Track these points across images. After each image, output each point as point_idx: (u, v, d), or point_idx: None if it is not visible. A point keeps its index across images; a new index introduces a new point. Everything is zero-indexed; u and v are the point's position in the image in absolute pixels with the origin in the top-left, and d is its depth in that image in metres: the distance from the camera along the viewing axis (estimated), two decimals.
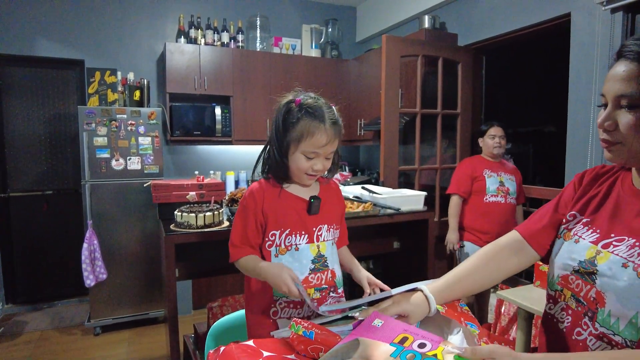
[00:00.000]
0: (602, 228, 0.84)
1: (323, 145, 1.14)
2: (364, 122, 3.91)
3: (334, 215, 1.28)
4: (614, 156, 0.80)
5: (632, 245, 0.78)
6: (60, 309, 3.66)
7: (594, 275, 0.80)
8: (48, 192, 3.68)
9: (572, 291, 0.85)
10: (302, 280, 1.18)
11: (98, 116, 3.11)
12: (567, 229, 0.91)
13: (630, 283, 0.74)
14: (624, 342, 0.74)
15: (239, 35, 3.88)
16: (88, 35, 3.59)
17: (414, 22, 3.66)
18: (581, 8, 2.37)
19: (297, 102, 1.16)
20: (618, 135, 0.77)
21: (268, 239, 1.19)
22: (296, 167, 1.17)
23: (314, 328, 0.81)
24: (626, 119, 0.75)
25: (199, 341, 2.21)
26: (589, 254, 0.83)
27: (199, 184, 2.24)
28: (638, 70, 0.73)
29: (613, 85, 0.77)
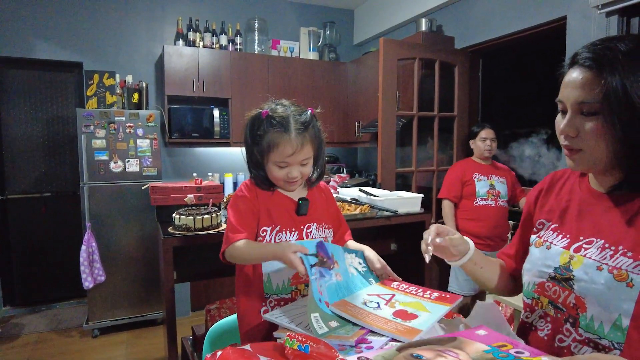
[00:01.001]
0: (570, 232, 0.86)
1: (289, 155, 1.14)
2: (362, 124, 3.92)
3: (323, 215, 1.29)
4: (577, 164, 0.82)
5: (602, 247, 0.79)
6: (58, 311, 3.65)
7: (571, 281, 0.81)
8: (46, 194, 3.68)
9: (549, 298, 0.85)
10: (292, 275, 1.20)
11: (96, 118, 3.11)
12: (538, 237, 0.93)
13: (608, 286, 0.75)
14: (611, 344, 0.74)
15: (237, 38, 3.90)
16: (87, 37, 3.60)
17: (411, 25, 3.68)
18: (577, 11, 2.39)
19: (264, 114, 1.17)
20: (579, 142, 0.78)
21: (259, 235, 1.20)
22: (272, 176, 1.20)
23: (308, 341, 0.82)
24: (587, 125, 0.76)
25: (197, 343, 2.21)
26: (562, 260, 0.84)
27: (197, 186, 2.25)
28: (594, 78, 0.74)
29: (572, 92, 0.78)
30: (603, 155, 0.77)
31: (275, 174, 1.18)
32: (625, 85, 0.71)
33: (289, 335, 0.85)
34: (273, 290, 1.21)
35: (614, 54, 0.73)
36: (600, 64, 0.74)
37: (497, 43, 3.03)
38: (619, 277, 0.74)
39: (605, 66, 0.73)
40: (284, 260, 1.02)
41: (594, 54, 0.75)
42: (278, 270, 1.19)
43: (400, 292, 1.04)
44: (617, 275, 0.74)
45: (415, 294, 1.01)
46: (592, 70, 0.75)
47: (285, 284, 1.21)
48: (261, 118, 1.17)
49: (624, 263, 0.74)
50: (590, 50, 0.77)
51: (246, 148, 1.23)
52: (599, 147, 0.76)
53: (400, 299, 1.00)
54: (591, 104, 0.75)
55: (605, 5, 2.19)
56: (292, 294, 1.21)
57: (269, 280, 1.21)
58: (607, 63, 0.73)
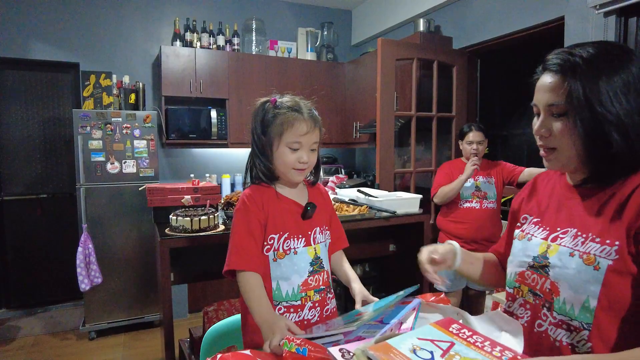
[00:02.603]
0: (549, 224, 0.93)
1: (304, 133, 1.15)
2: (360, 125, 3.91)
3: (323, 217, 1.29)
4: (552, 164, 0.89)
5: (575, 235, 0.86)
6: (54, 313, 3.63)
7: (547, 268, 0.87)
8: (42, 195, 3.65)
9: (528, 286, 0.92)
10: (301, 282, 1.18)
11: (93, 119, 3.10)
12: (521, 230, 1.00)
13: (579, 270, 0.81)
14: (581, 325, 0.80)
15: (234, 39, 3.88)
16: (83, 38, 3.58)
17: (409, 25, 3.68)
18: (574, 12, 2.39)
19: (273, 101, 1.19)
20: (553, 141, 0.86)
21: (267, 243, 1.17)
22: (282, 163, 1.17)
23: (306, 345, 0.81)
24: (557, 125, 0.84)
25: (195, 345, 2.20)
26: (541, 249, 0.91)
27: (194, 187, 2.24)
28: (562, 81, 0.82)
29: (543, 96, 0.86)
30: (572, 153, 0.84)
31: (286, 159, 1.16)
32: (586, 88, 0.79)
33: (287, 338, 0.83)
34: (282, 297, 1.17)
35: (576, 61, 0.81)
36: (564, 69, 0.82)
37: (495, 43, 3.03)
38: (587, 261, 0.80)
39: (568, 71, 0.81)
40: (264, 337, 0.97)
41: (560, 60, 0.83)
42: (287, 279, 1.17)
43: (461, 341, 0.79)
44: (586, 260, 0.80)
45: (482, 348, 0.76)
46: (558, 75, 0.83)
47: (295, 291, 1.18)
48: (270, 104, 1.19)
49: (593, 248, 0.81)
50: (557, 57, 0.84)
51: (253, 136, 1.20)
52: (568, 146, 0.84)
53: (461, 350, 0.75)
54: (558, 105, 0.83)
55: (603, 5, 2.19)
56: (302, 300, 1.18)
57: (278, 287, 1.17)
58: (570, 68, 0.81)
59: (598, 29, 2.26)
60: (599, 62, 0.80)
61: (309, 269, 1.19)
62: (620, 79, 0.79)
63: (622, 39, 2.21)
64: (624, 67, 0.79)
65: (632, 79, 0.79)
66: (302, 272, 1.19)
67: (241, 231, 1.15)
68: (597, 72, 0.79)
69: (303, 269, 1.19)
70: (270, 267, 1.17)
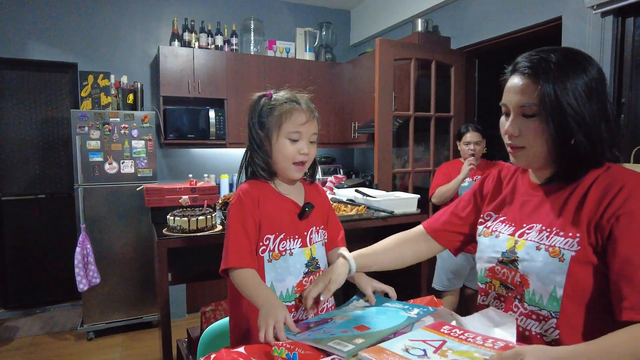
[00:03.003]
0: (515, 221, 0.97)
1: (304, 122, 1.14)
2: (358, 125, 3.91)
3: (320, 216, 1.27)
4: (519, 160, 0.93)
5: (540, 230, 0.91)
6: (52, 313, 3.62)
7: (516, 262, 0.92)
8: (41, 196, 3.65)
9: (500, 280, 0.96)
10: (296, 284, 1.17)
11: (91, 119, 3.09)
12: (485, 227, 1.04)
13: (545, 262, 0.86)
14: (549, 314, 0.86)
15: (233, 39, 3.88)
16: (81, 38, 3.58)
17: (408, 25, 3.68)
18: (572, 12, 2.39)
19: (269, 94, 1.18)
20: (522, 141, 0.89)
21: (262, 243, 1.15)
22: (282, 156, 1.14)
23: (297, 348, 0.80)
24: (527, 126, 0.88)
25: (192, 346, 2.20)
26: (509, 245, 0.95)
27: (191, 187, 2.24)
28: (532, 83, 0.85)
29: (514, 97, 0.89)
30: (541, 152, 0.88)
31: (287, 151, 1.13)
32: (557, 91, 0.82)
33: (276, 344, 0.83)
34: None
35: (548, 64, 0.84)
36: (537, 72, 0.85)
37: (493, 43, 3.03)
38: (553, 253, 0.86)
39: (540, 74, 0.84)
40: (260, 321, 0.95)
41: (531, 63, 0.86)
42: (282, 280, 1.16)
43: (453, 338, 0.81)
44: (551, 253, 0.86)
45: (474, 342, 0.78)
46: (530, 78, 0.86)
47: (289, 292, 1.16)
48: (267, 98, 1.18)
49: (557, 241, 0.86)
50: (528, 60, 0.88)
51: (250, 131, 1.18)
52: (538, 145, 0.88)
53: (454, 346, 0.77)
54: (530, 106, 0.86)
55: (600, 5, 2.19)
56: (296, 301, 1.17)
57: (272, 288, 1.15)
58: (542, 72, 0.84)
59: (595, 29, 2.26)
60: (567, 66, 0.84)
61: (304, 270, 1.18)
62: (584, 82, 0.83)
63: (619, 39, 2.21)
64: (586, 71, 0.84)
65: (594, 83, 0.84)
66: (297, 274, 1.17)
67: (236, 228, 1.12)
68: (566, 76, 0.83)
69: (298, 270, 1.17)
70: (265, 268, 1.15)
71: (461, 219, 1.14)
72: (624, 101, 2.22)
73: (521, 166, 0.96)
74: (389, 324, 0.88)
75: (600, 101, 0.85)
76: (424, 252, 1.18)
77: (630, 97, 2.21)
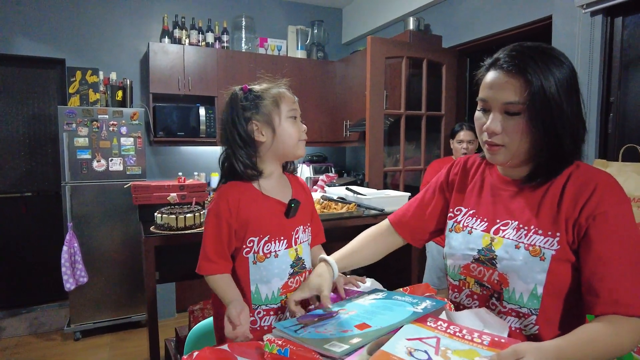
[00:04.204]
0: (487, 216, 0.96)
1: (295, 101, 1.17)
2: (350, 123, 3.90)
3: (305, 214, 1.24)
4: (498, 158, 0.89)
5: (517, 227, 0.90)
6: (38, 313, 3.57)
7: (494, 260, 0.91)
8: (27, 193, 3.59)
9: (475, 278, 0.95)
10: (282, 285, 1.14)
11: (79, 116, 3.04)
12: (456, 222, 1.03)
13: (525, 261, 0.86)
14: (529, 311, 0.87)
15: (224, 36, 3.85)
16: (69, 33, 3.52)
17: (399, 23, 3.68)
18: (562, 11, 2.40)
19: (245, 88, 1.16)
20: (503, 138, 0.87)
21: (246, 245, 1.12)
22: (289, 136, 1.13)
23: (288, 345, 0.79)
24: (511, 123, 0.85)
25: (180, 345, 2.17)
26: (484, 242, 0.94)
27: (180, 185, 2.21)
28: (517, 81, 0.83)
29: (498, 94, 0.85)
30: (521, 150, 0.87)
31: (292, 132, 1.13)
32: (544, 88, 0.81)
33: (269, 339, 0.82)
34: (262, 301, 1.13)
35: (532, 60, 0.82)
36: (522, 70, 0.82)
37: (484, 42, 3.04)
38: (533, 252, 0.85)
39: (527, 72, 0.82)
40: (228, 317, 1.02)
41: (516, 60, 0.83)
42: (267, 282, 1.13)
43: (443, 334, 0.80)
44: (532, 252, 0.86)
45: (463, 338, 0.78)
46: (515, 75, 0.83)
47: (274, 295, 1.14)
48: (244, 92, 1.15)
49: (537, 240, 0.86)
50: (510, 56, 0.85)
51: (232, 129, 1.11)
52: (519, 143, 0.86)
53: (450, 345, 0.76)
54: (516, 104, 0.83)
55: (590, 4, 2.20)
56: (281, 303, 1.15)
57: (257, 291, 1.13)
58: (529, 68, 0.82)
59: (585, 28, 2.27)
60: (549, 62, 0.83)
61: (290, 271, 1.15)
62: (564, 78, 0.83)
63: (608, 38, 2.23)
64: (564, 67, 0.84)
65: (572, 79, 0.85)
66: (283, 275, 1.14)
67: (210, 235, 1.11)
68: (551, 73, 0.82)
69: (284, 271, 1.14)
70: (250, 270, 1.13)
71: (427, 214, 1.13)
72: (613, 100, 2.24)
73: (498, 164, 0.94)
74: (391, 320, 0.85)
75: (577, 96, 0.85)
76: (392, 246, 1.19)
77: (618, 95, 2.22)
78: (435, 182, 1.15)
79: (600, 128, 2.27)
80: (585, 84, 2.27)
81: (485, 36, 2.96)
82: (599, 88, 2.25)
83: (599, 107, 2.26)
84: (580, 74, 2.30)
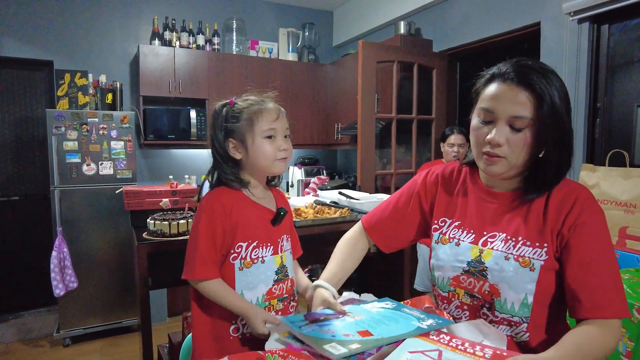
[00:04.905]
0: (474, 228, 0.97)
1: (275, 119, 1.13)
2: (341, 126, 3.92)
3: (288, 224, 1.27)
4: (496, 169, 0.89)
5: (505, 239, 0.92)
6: (27, 319, 3.51)
7: (485, 272, 0.92)
8: (14, 197, 3.53)
9: (465, 289, 0.96)
10: (266, 291, 1.15)
11: (68, 120, 3.01)
12: (442, 234, 1.03)
13: (516, 271, 0.88)
14: (520, 319, 0.89)
15: (214, 38, 3.84)
16: (57, 35, 3.48)
17: (390, 27, 3.70)
18: (550, 18, 2.45)
19: (231, 102, 1.16)
20: (504, 150, 0.86)
21: (234, 251, 1.12)
22: (263, 156, 1.12)
23: (290, 355, 0.80)
24: (516, 137, 0.85)
25: (174, 351, 2.16)
26: (473, 254, 0.95)
27: (172, 190, 2.20)
28: (525, 95, 0.83)
29: (507, 106, 0.85)
30: (519, 163, 0.87)
31: (266, 151, 1.11)
32: (553, 101, 0.82)
33: (269, 351, 0.82)
34: None
35: (538, 74, 0.83)
36: (531, 83, 0.83)
37: (474, 47, 3.08)
38: (523, 263, 0.88)
39: (536, 85, 0.82)
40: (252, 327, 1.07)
41: (524, 73, 0.84)
42: (252, 288, 1.14)
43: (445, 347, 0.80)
44: (522, 262, 0.88)
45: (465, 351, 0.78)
46: (524, 88, 0.83)
47: (259, 301, 1.15)
48: (229, 106, 1.15)
49: (526, 251, 0.89)
50: (518, 70, 0.85)
51: (215, 143, 1.15)
52: (521, 156, 0.86)
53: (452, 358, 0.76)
54: (524, 119, 0.84)
55: (577, 12, 2.25)
56: (266, 310, 1.15)
57: (242, 296, 1.13)
58: (539, 82, 0.82)
59: (572, 35, 2.32)
60: (552, 79, 0.84)
61: (274, 277, 1.17)
62: (563, 95, 0.85)
63: (594, 45, 2.28)
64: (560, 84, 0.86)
65: (566, 95, 0.87)
66: (268, 281, 1.16)
67: (204, 238, 1.10)
68: (555, 89, 0.84)
69: (269, 277, 1.16)
70: (235, 276, 1.13)
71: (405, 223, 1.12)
72: (599, 106, 2.29)
73: (493, 174, 0.92)
74: (394, 332, 0.85)
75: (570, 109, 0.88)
76: (365, 251, 1.20)
77: (605, 102, 2.27)
78: (409, 189, 1.14)
79: (587, 133, 2.32)
80: (572, 90, 2.32)
81: (475, 41, 2.99)
82: (586, 94, 2.30)
83: (586, 112, 2.31)
84: (568, 80, 2.37)
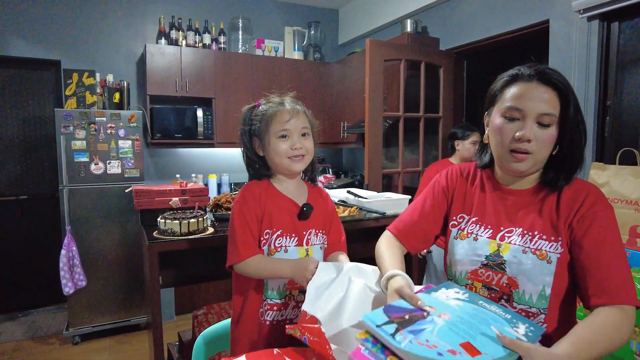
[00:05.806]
0: (491, 223, 1.02)
1: (287, 120, 1.18)
2: (347, 124, 3.92)
3: (321, 221, 1.28)
4: (524, 165, 0.94)
5: (522, 234, 0.96)
6: (36, 317, 3.54)
7: (503, 265, 0.96)
8: (23, 197, 3.56)
9: (482, 282, 1.00)
10: (288, 281, 1.19)
11: (76, 119, 3.02)
12: (460, 230, 1.07)
13: (534, 264, 0.93)
14: (538, 311, 0.93)
15: (220, 37, 3.84)
16: (65, 35, 3.49)
17: (396, 25, 3.69)
18: (559, 16, 2.44)
19: (258, 104, 1.25)
20: (532, 146, 0.92)
21: (262, 237, 1.18)
22: (276, 154, 1.18)
23: (306, 333, 0.83)
24: (543, 133, 0.92)
25: (184, 350, 2.18)
26: (492, 248, 0.99)
27: (182, 189, 2.20)
28: (557, 95, 0.92)
29: (536, 104, 0.91)
30: (543, 159, 0.95)
31: (279, 149, 1.18)
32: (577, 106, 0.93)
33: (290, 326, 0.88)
34: (268, 294, 1.20)
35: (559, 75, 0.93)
36: (559, 84, 0.92)
37: (481, 45, 3.07)
38: (541, 257, 0.93)
39: (563, 88, 0.92)
40: (299, 281, 1.10)
41: (553, 76, 0.93)
42: None
43: None
44: (539, 256, 0.93)
45: None
46: (554, 89, 0.92)
47: (280, 289, 1.20)
48: (256, 107, 1.24)
49: (542, 245, 0.94)
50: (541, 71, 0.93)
51: (244, 141, 1.25)
52: (544, 152, 0.93)
53: None
54: (551, 116, 0.91)
55: (586, 10, 2.24)
56: (285, 299, 1.20)
57: (267, 283, 1.20)
58: (561, 83, 0.92)
59: (582, 33, 2.31)
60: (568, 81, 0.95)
61: None
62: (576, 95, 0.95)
63: (604, 43, 2.26)
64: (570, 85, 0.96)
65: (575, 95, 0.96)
66: None
67: (241, 224, 1.17)
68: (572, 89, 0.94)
69: None
70: None
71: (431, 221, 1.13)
72: (609, 104, 2.27)
73: (519, 173, 0.97)
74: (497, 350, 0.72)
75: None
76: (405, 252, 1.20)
77: (615, 100, 2.26)
78: (435, 187, 1.16)
79: (597, 132, 2.31)
80: (582, 88, 2.31)
81: (482, 39, 2.98)
82: (596, 92, 2.29)
83: (595, 111, 2.30)
84: (577, 78, 2.35)
